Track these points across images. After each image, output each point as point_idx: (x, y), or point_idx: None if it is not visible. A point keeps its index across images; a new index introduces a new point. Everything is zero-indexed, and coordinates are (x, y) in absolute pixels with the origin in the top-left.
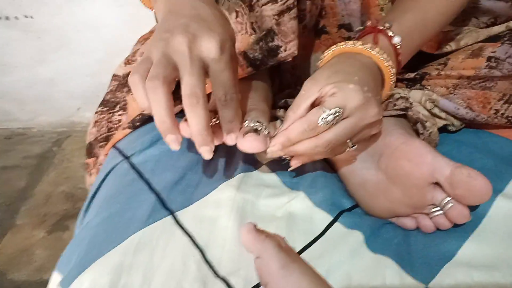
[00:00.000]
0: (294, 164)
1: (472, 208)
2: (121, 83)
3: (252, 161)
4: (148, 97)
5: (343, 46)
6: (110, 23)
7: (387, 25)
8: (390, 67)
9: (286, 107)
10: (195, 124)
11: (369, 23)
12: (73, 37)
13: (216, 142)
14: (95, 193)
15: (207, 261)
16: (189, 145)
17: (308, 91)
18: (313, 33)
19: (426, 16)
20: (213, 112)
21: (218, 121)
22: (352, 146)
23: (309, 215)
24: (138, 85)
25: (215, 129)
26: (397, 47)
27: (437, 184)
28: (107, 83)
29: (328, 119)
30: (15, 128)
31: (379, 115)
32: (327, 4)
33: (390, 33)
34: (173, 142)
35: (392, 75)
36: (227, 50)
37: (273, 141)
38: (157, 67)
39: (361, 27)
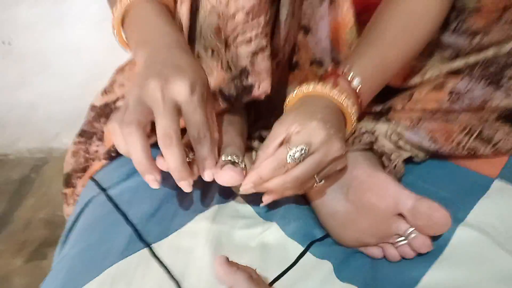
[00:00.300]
0: (266, 200)
1: (435, 237)
2: (99, 113)
3: (228, 193)
4: (125, 141)
5: (306, 89)
6: (90, 47)
7: (346, 69)
8: (349, 107)
9: (261, 138)
10: (171, 162)
11: (330, 68)
12: (54, 61)
13: (195, 177)
14: (73, 224)
15: None
16: (165, 176)
17: (276, 132)
18: (287, 67)
19: (386, 58)
20: (190, 148)
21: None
22: (320, 181)
23: (282, 245)
24: (116, 131)
25: (193, 163)
26: (357, 90)
27: (401, 215)
28: (84, 107)
29: (295, 156)
30: None
31: (342, 150)
32: (299, 41)
33: (349, 77)
34: (152, 182)
35: (352, 115)
36: (197, 92)
37: (245, 180)
38: (132, 112)
39: (327, 69)
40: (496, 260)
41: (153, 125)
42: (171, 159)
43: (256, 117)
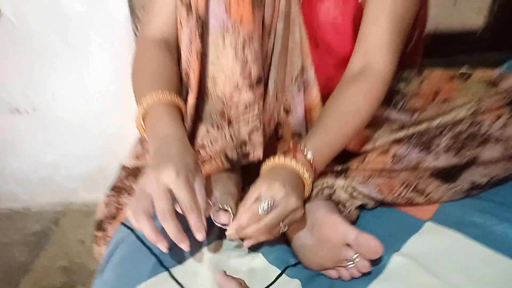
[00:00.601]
0: (247, 244)
1: (377, 261)
2: (129, 173)
3: (224, 233)
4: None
5: (274, 161)
6: (109, 116)
7: (302, 146)
8: (305, 174)
9: None
10: (169, 232)
11: (291, 144)
12: (76, 127)
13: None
14: (109, 257)
15: None
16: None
17: (251, 192)
18: (275, 138)
19: (330, 138)
20: None
21: None
22: (284, 228)
23: (265, 269)
24: (131, 217)
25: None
26: (311, 161)
27: (348, 245)
28: (104, 167)
29: (264, 208)
30: (16, 207)
31: (297, 203)
32: (283, 120)
33: (304, 152)
34: (162, 247)
35: (307, 179)
36: (181, 175)
37: (229, 228)
38: (140, 203)
39: (290, 145)
40: (420, 279)
41: None
42: (168, 230)
43: (248, 174)
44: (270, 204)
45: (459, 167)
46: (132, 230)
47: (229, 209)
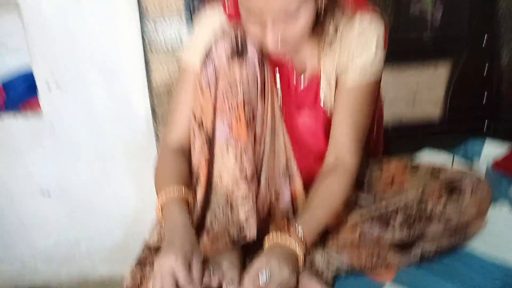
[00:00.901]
0: None
1: None
2: (151, 250)
3: None
4: None
5: (272, 240)
6: (129, 199)
7: (294, 226)
8: (297, 249)
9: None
10: None
11: (286, 225)
12: (99, 208)
13: None
14: None
15: None
16: None
17: (255, 266)
18: (267, 219)
19: (316, 217)
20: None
21: None
22: None
23: None
24: None
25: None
26: (302, 237)
27: None
28: (121, 245)
29: (264, 280)
30: (37, 284)
31: (289, 275)
32: (274, 204)
33: (296, 231)
34: None
35: (299, 253)
36: (180, 258)
37: None
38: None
39: (284, 225)
40: None
41: None
42: None
43: (248, 251)
44: (268, 276)
45: (411, 240)
46: None
47: (235, 284)
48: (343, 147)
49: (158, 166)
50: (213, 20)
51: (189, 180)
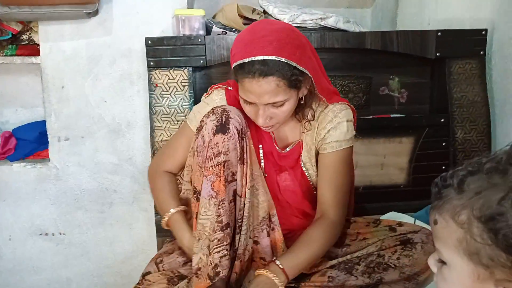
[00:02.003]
0: None
1: None
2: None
3: None
4: None
5: (259, 273)
6: (122, 241)
7: (279, 262)
8: (279, 282)
9: None
10: None
11: (270, 261)
12: (93, 250)
13: None
14: None
15: None
16: None
17: None
18: (249, 261)
19: (300, 257)
20: None
21: None
22: None
23: None
24: None
25: None
26: (284, 270)
27: None
28: (110, 284)
29: None
30: None
31: None
32: (254, 248)
33: (280, 265)
34: None
35: (281, 285)
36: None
37: None
38: None
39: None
40: None
41: None
42: None
43: None
44: None
45: (371, 286)
46: None
47: None
48: (327, 203)
49: (156, 186)
50: (214, 100)
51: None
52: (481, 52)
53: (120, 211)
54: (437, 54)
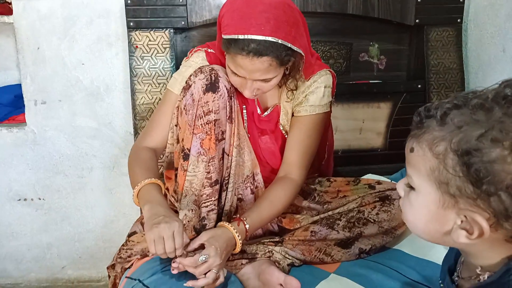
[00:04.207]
0: (191, 284)
1: None
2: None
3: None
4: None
5: (224, 224)
6: (102, 206)
7: (243, 218)
8: (239, 238)
9: None
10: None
11: (237, 215)
12: (73, 215)
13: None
14: None
15: None
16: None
17: (200, 238)
18: (232, 215)
19: (262, 215)
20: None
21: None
22: (217, 274)
23: None
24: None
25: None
26: (247, 229)
27: (281, 285)
28: (92, 248)
29: (203, 259)
30: (6, 284)
31: (219, 262)
32: (238, 205)
33: (245, 223)
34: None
35: (239, 241)
36: (176, 226)
37: (175, 262)
38: (157, 244)
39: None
40: None
41: None
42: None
43: None
44: (206, 257)
45: (351, 239)
46: (138, 280)
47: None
48: (293, 164)
49: (133, 159)
50: (196, 62)
51: (157, 174)
52: (458, 20)
53: (100, 176)
54: (416, 21)
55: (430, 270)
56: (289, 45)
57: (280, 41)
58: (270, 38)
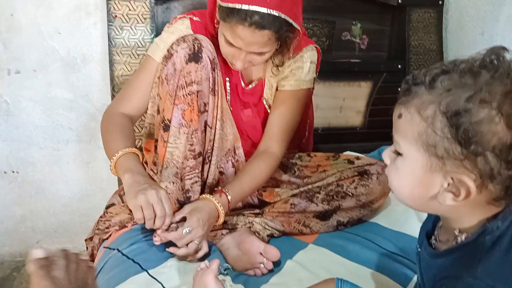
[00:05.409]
0: (172, 250)
1: (277, 263)
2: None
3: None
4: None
5: (206, 196)
6: (78, 180)
7: (225, 190)
8: (222, 211)
9: None
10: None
11: (219, 187)
12: (48, 189)
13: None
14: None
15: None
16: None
17: (183, 210)
18: (214, 188)
19: (244, 187)
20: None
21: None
22: (199, 245)
23: None
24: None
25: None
26: (229, 201)
27: (261, 253)
28: (67, 222)
29: (186, 231)
30: None
31: (202, 233)
32: (219, 178)
33: (227, 194)
34: (156, 224)
35: (222, 212)
36: (160, 194)
37: (158, 232)
38: (146, 209)
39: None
40: (302, 274)
41: None
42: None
43: None
44: (189, 229)
45: (330, 211)
46: (117, 249)
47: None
48: (274, 138)
49: (109, 124)
50: (179, 30)
51: (134, 142)
52: (440, 2)
53: (77, 149)
54: (399, 1)
55: (405, 241)
56: (291, 21)
57: (283, 16)
58: (274, 12)
